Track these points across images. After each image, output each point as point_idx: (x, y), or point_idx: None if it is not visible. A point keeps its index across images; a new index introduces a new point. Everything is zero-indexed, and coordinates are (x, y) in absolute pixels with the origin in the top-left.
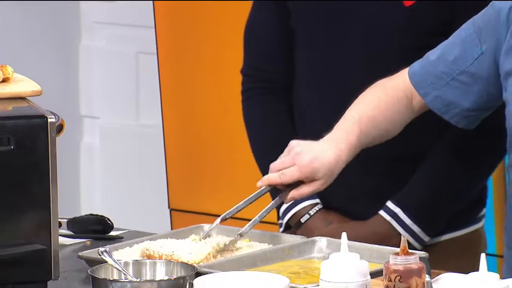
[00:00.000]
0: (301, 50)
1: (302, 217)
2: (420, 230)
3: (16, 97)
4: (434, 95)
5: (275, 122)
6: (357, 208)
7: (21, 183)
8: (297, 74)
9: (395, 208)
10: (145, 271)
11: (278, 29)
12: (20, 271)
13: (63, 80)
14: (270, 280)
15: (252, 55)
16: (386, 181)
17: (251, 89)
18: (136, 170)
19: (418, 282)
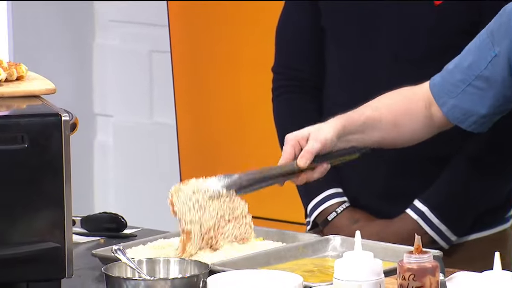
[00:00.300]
0: (332, 50)
1: (329, 215)
2: (447, 229)
3: (30, 95)
4: (452, 104)
5: (304, 120)
6: (384, 207)
7: (35, 181)
8: (327, 73)
9: (422, 207)
10: (159, 269)
11: (310, 28)
12: (34, 269)
13: (77, 78)
14: (283, 278)
15: (283, 53)
16: (413, 181)
17: (282, 87)
18: (149, 168)
19: (432, 281)
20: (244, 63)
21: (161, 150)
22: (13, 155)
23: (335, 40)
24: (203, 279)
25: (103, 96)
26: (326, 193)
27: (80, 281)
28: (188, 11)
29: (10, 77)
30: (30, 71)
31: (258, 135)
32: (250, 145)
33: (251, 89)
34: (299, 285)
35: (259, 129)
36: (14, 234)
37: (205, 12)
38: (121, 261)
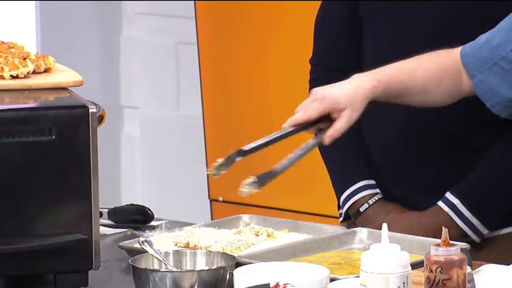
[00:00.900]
0: (368, 41)
1: (361, 206)
2: (479, 222)
3: (57, 87)
4: (479, 79)
5: None
6: (416, 199)
7: (62, 173)
8: (364, 62)
9: (454, 199)
10: (186, 261)
11: (347, 19)
12: (62, 260)
13: (104, 70)
14: (310, 270)
15: (321, 44)
16: (446, 173)
17: (319, 78)
18: (176, 160)
19: (459, 273)
20: (271, 55)
21: (188, 142)
22: (41, 147)
23: (371, 30)
24: (229, 271)
25: (130, 88)
26: (359, 185)
27: (107, 272)
28: (215, 3)
29: (37, 69)
30: (58, 63)
31: None
32: None
33: (278, 81)
34: (326, 278)
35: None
36: (41, 225)
37: (232, 4)
38: (148, 253)
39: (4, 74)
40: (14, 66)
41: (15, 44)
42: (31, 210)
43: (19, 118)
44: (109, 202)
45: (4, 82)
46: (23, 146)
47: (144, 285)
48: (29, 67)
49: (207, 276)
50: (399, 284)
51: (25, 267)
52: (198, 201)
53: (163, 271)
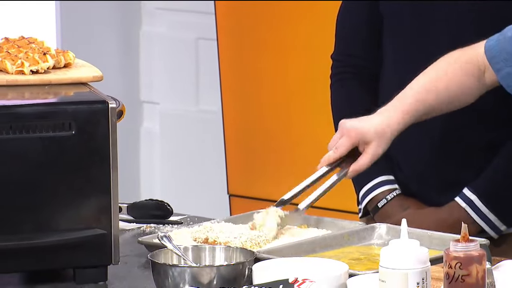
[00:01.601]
0: (388, 38)
1: (379, 201)
2: (496, 218)
3: (77, 82)
4: (507, 72)
5: (360, 108)
6: (434, 195)
7: (82, 168)
8: (384, 59)
9: (471, 195)
10: (205, 257)
11: (369, 16)
12: (81, 255)
13: (124, 65)
14: (329, 266)
15: (343, 41)
16: (464, 169)
17: (340, 73)
18: (195, 156)
19: (479, 269)
20: (291, 51)
21: (207, 138)
22: (61, 142)
23: (391, 27)
24: (248, 266)
25: (149, 83)
26: (377, 180)
27: (126, 267)
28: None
29: (57, 64)
30: (78, 58)
31: (305, 123)
32: (296, 133)
33: (298, 77)
34: (345, 273)
35: (305, 117)
36: (61, 221)
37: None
38: (167, 248)
39: (24, 69)
40: (34, 61)
41: (35, 40)
42: (50, 205)
43: (39, 113)
44: (129, 197)
45: (24, 77)
46: (42, 141)
47: (163, 280)
48: (49, 62)
49: (226, 271)
50: (418, 280)
51: (45, 262)
52: (217, 197)
53: (182, 266)
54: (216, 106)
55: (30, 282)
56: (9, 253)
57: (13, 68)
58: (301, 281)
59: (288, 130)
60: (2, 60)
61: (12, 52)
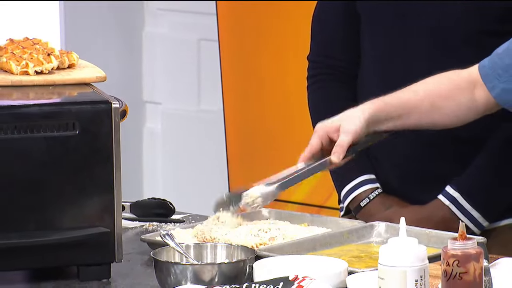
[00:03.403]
0: (366, 38)
1: (362, 201)
2: (479, 215)
3: (81, 83)
4: (501, 88)
5: (339, 108)
6: (416, 193)
7: (85, 167)
8: (363, 59)
9: (454, 192)
10: (206, 254)
11: (345, 16)
12: (85, 253)
13: (127, 66)
14: (328, 263)
15: (319, 42)
16: (445, 167)
17: (317, 75)
18: (197, 155)
19: (476, 267)
20: (291, 51)
21: (208, 137)
22: (65, 141)
23: (369, 25)
24: (249, 264)
25: (152, 83)
26: (359, 180)
27: (129, 265)
28: None
29: (61, 65)
30: (81, 59)
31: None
32: (296, 132)
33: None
34: (344, 271)
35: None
36: (65, 219)
37: (253, 1)
38: (169, 246)
39: (29, 70)
40: (38, 62)
41: (40, 41)
42: (54, 204)
43: (43, 113)
44: (131, 196)
45: (29, 77)
46: (47, 141)
47: (165, 277)
48: (53, 63)
49: (227, 269)
50: (416, 277)
51: (49, 259)
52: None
53: (184, 264)
54: (217, 106)
55: (35, 279)
56: (14, 251)
57: (18, 69)
58: (301, 278)
59: (288, 129)
60: (7, 61)
61: (16, 53)
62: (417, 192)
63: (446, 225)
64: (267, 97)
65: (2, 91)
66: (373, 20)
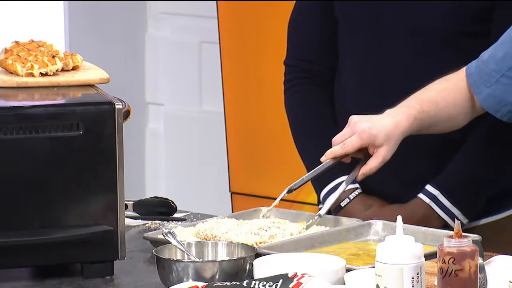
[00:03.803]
0: (345, 40)
1: (342, 201)
2: (460, 213)
3: (85, 84)
4: (486, 93)
5: (317, 112)
6: (396, 192)
7: (89, 167)
8: (341, 61)
9: (434, 191)
10: (207, 252)
11: (322, 20)
12: (88, 251)
13: (130, 68)
14: (327, 261)
15: (296, 46)
16: (423, 166)
17: (294, 79)
18: (198, 155)
19: (471, 264)
20: None
21: (210, 137)
22: (69, 141)
23: (349, 28)
24: (249, 261)
25: (154, 85)
26: (338, 180)
27: (132, 262)
28: (236, 3)
29: (66, 67)
30: (85, 61)
31: None
32: None
33: None
34: (342, 268)
35: None
36: (69, 217)
37: (253, 4)
38: (171, 244)
39: (34, 71)
40: (43, 64)
41: (45, 43)
42: (59, 202)
43: (48, 114)
44: (134, 195)
45: (34, 79)
46: (51, 141)
47: (167, 274)
48: (57, 65)
49: (228, 266)
50: (413, 275)
51: (53, 257)
52: (219, 194)
53: (186, 261)
54: (218, 107)
55: (40, 276)
56: (19, 249)
57: (23, 71)
58: (300, 275)
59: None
60: (13, 63)
61: (22, 55)
62: (396, 191)
63: (427, 223)
64: (267, 98)
65: (8, 92)
66: (350, 21)
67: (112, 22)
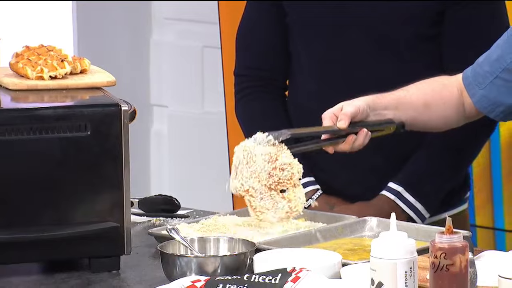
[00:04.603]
0: (298, 47)
1: (306, 202)
2: (422, 207)
3: (92, 87)
4: (481, 95)
5: (272, 118)
6: (356, 191)
7: (96, 166)
8: (295, 65)
9: (397, 187)
10: (209, 247)
11: (273, 28)
12: (96, 246)
13: (135, 71)
14: (324, 256)
15: (246, 55)
16: (382, 163)
17: (246, 88)
18: (201, 155)
19: (462, 259)
20: None
21: (212, 138)
22: (77, 142)
23: (304, 37)
24: (250, 256)
25: (159, 88)
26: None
27: (137, 257)
28: (237, 9)
29: (74, 70)
30: (93, 65)
31: None
32: None
33: None
34: (338, 263)
35: None
36: (77, 214)
37: None
38: (175, 240)
39: (43, 75)
40: (53, 67)
41: (54, 48)
42: (68, 200)
43: (57, 115)
44: (139, 192)
45: (43, 82)
46: (60, 141)
47: (171, 269)
48: (66, 69)
49: (229, 261)
50: (406, 269)
51: (62, 252)
52: (221, 192)
53: (189, 256)
54: (220, 108)
55: (49, 270)
56: (30, 244)
57: (34, 74)
58: (298, 270)
59: None
60: (23, 66)
61: (32, 59)
62: (357, 190)
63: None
64: None
65: (19, 94)
66: (306, 28)
67: (118, 27)
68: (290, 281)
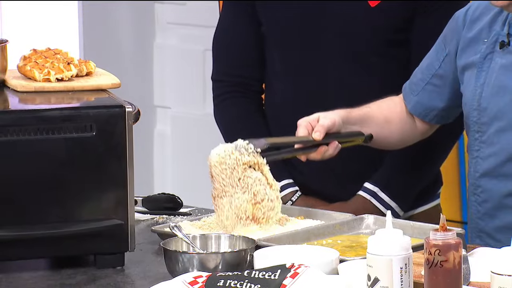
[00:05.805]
0: (273, 53)
1: (285, 204)
2: (396, 205)
3: (97, 89)
4: (415, 101)
5: (250, 123)
6: (334, 191)
7: (101, 166)
8: (270, 71)
9: (373, 187)
10: (211, 244)
11: (248, 34)
12: (101, 243)
13: (139, 74)
14: (321, 252)
15: (223, 60)
16: (359, 166)
17: (223, 94)
18: (202, 154)
19: (456, 256)
20: None
21: (213, 138)
22: (83, 142)
23: (279, 44)
24: (250, 253)
25: (162, 90)
26: (280, 184)
27: (141, 254)
28: None
29: (80, 73)
30: (98, 67)
31: None
32: None
33: None
34: (336, 259)
35: None
36: (83, 212)
37: None
38: (178, 237)
39: (50, 77)
40: (59, 70)
41: (60, 51)
42: (74, 198)
43: (63, 116)
44: (143, 191)
45: (50, 84)
46: (66, 142)
47: (174, 265)
48: (72, 71)
49: (230, 257)
50: (401, 265)
51: (69, 248)
52: None
53: (191, 253)
54: None
55: (56, 266)
56: (37, 241)
57: (41, 76)
58: (297, 266)
59: None
60: (31, 69)
61: (39, 62)
62: (335, 191)
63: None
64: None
65: (27, 96)
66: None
67: (123, 32)
68: (289, 276)
